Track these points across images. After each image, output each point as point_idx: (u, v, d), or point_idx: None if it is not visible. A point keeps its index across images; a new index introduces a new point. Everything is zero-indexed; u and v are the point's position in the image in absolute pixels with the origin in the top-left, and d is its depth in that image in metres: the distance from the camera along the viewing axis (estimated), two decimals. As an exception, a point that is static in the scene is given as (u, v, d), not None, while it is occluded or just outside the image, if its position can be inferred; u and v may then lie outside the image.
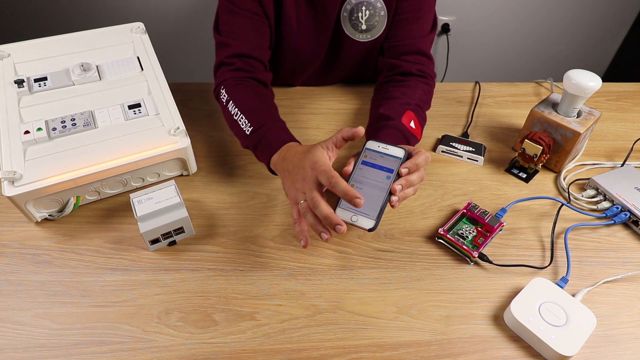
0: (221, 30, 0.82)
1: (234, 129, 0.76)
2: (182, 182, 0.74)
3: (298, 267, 0.64)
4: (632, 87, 1.03)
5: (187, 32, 1.70)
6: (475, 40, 1.83)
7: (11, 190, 0.61)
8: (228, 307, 0.59)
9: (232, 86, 0.78)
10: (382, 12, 0.84)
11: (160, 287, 0.60)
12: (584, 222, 0.71)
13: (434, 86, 0.87)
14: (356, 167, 0.62)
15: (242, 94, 0.78)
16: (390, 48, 0.86)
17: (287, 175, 0.64)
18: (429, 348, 0.56)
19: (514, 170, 0.80)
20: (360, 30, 0.86)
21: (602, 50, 1.97)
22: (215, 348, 0.55)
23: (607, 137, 0.89)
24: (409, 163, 0.61)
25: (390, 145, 0.63)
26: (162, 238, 0.63)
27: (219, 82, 0.80)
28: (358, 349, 0.55)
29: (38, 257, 0.63)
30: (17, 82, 0.72)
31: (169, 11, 1.63)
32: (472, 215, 0.69)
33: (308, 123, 0.87)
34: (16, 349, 0.53)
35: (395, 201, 0.59)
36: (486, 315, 0.59)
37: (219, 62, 0.82)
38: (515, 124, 0.90)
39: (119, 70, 0.77)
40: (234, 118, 0.75)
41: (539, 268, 0.65)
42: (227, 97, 0.77)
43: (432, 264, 0.65)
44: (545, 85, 1.03)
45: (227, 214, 0.70)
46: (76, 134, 0.68)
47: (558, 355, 0.53)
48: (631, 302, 0.61)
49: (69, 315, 0.57)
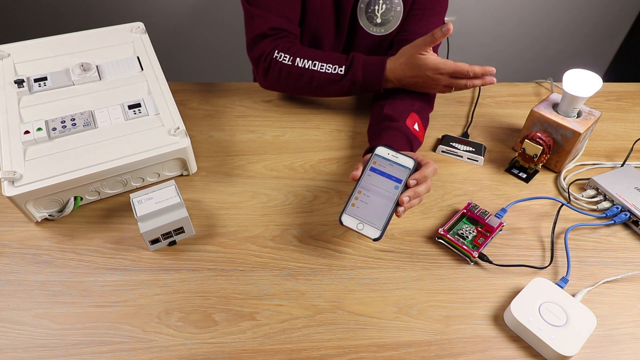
0: (256, 2, 0.81)
1: (314, 82, 0.78)
2: (182, 182, 0.74)
3: (298, 267, 0.64)
4: (632, 87, 1.03)
5: (187, 32, 1.70)
6: (475, 40, 1.83)
7: (11, 190, 0.61)
8: (228, 307, 0.59)
9: (289, 48, 0.79)
10: (399, 7, 0.84)
11: (160, 287, 0.60)
12: (584, 222, 0.71)
13: None
14: (364, 174, 0.62)
15: (306, 49, 0.79)
16: (401, 42, 0.86)
17: (418, 82, 0.77)
18: (429, 348, 0.56)
19: (514, 170, 0.80)
20: (375, 23, 0.86)
21: (602, 50, 1.97)
22: (215, 348, 0.55)
23: (607, 137, 0.89)
24: (418, 175, 0.61)
25: (400, 154, 0.63)
26: (162, 238, 0.63)
27: (270, 48, 0.79)
28: (358, 349, 0.55)
29: (38, 257, 0.63)
30: (17, 82, 0.72)
31: (169, 11, 1.63)
32: (472, 215, 0.69)
33: (308, 123, 0.87)
34: (16, 349, 0.53)
35: (401, 212, 0.60)
36: (486, 315, 0.59)
37: (261, 33, 0.80)
38: (515, 124, 0.90)
39: (119, 70, 0.77)
40: (312, 69, 0.76)
41: (539, 268, 0.65)
42: (290, 57, 0.78)
43: (432, 264, 0.65)
44: (545, 85, 1.03)
45: (227, 214, 0.70)
46: (76, 134, 0.68)
47: (558, 355, 0.53)
48: (631, 302, 0.61)
49: (69, 315, 0.57)
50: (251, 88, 0.95)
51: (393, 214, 0.60)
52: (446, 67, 0.74)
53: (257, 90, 0.94)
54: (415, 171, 0.62)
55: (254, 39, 0.81)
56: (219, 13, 1.65)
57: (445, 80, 0.75)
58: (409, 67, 0.76)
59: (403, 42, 0.85)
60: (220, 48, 1.76)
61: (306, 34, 0.88)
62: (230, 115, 0.88)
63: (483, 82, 0.76)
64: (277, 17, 0.80)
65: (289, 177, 0.77)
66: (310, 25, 0.86)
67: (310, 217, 0.70)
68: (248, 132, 0.85)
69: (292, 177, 0.77)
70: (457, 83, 0.75)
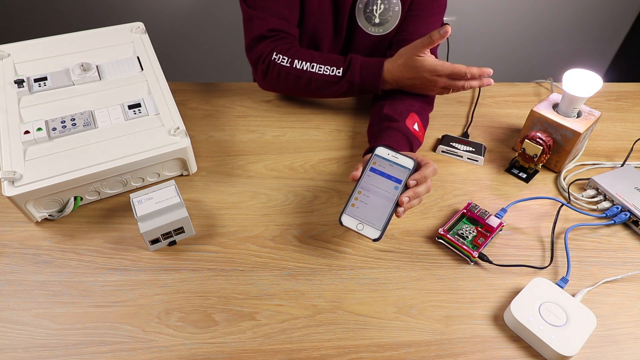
0: (254, 4, 0.81)
1: (313, 84, 0.78)
2: (182, 182, 0.74)
3: (298, 267, 0.64)
4: (632, 87, 1.03)
5: (187, 32, 1.70)
6: (475, 40, 1.83)
7: (11, 190, 0.61)
8: (228, 307, 0.59)
9: (287, 49, 0.79)
10: (397, 7, 0.84)
11: (160, 287, 0.60)
12: (584, 222, 0.71)
13: None
14: (364, 174, 0.62)
15: (304, 51, 0.79)
16: (399, 42, 0.86)
17: (415, 84, 0.78)
18: (429, 348, 0.56)
19: (514, 170, 0.80)
20: (373, 23, 0.86)
21: (602, 50, 1.97)
22: (215, 348, 0.55)
23: (607, 137, 0.89)
24: (417, 175, 0.61)
25: (400, 154, 0.63)
26: (162, 238, 0.63)
27: (269, 50, 0.80)
28: (358, 349, 0.55)
29: (38, 257, 0.63)
30: (17, 82, 0.72)
31: (169, 11, 1.63)
32: (472, 215, 0.69)
33: (308, 123, 0.87)
34: (16, 349, 0.53)
35: (401, 212, 0.60)
36: (486, 315, 0.59)
37: (260, 35, 0.80)
38: (515, 124, 0.90)
39: (119, 70, 0.77)
40: (310, 71, 0.76)
41: (539, 268, 0.65)
42: (288, 59, 0.78)
43: (432, 264, 0.65)
44: (545, 85, 1.03)
45: (227, 214, 0.70)
46: (76, 134, 0.68)
47: (558, 355, 0.53)
48: (631, 302, 0.61)
49: (69, 315, 0.57)
50: (251, 88, 0.95)
51: (393, 215, 0.60)
52: (444, 69, 0.74)
53: (257, 90, 0.94)
54: (415, 171, 0.62)
55: (253, 40, 0.81)
56: (219, 13, 1.65)
57: (442, 82, 0.75)
58: (406, 69, 0.76)
59: (402, 42, 0.85)
60: (220, 48, 1.76)
61: (305, 34, 0.88)
62: (230, 115, 0.88)
63: (481, 84, 0.76)
64: (276, 19, 0.80)
65: (289, 177, 0.77)
66: (309, 25, 0.86)
67: (310, 217, 0.70)
68: (248, 132, 0.85)
69: (292, 177, 0.77)
70: (454, 85, 0.75)
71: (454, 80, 0.75)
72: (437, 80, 0.75)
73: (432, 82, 0.76)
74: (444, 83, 0.76)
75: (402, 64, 0.76)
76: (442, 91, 0.78)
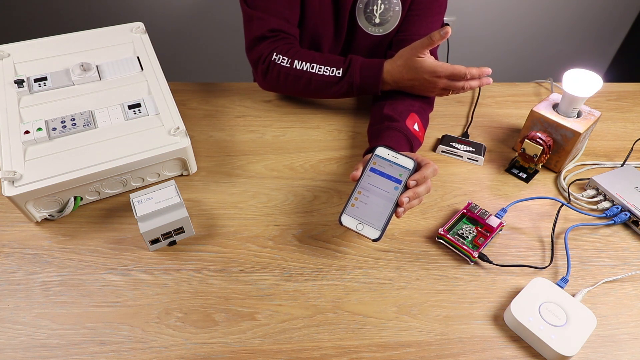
0: (255, 4, 0.81)
1: (313, 84, 0.78)
2: (182, 182, 0.74)
3: (298, 267, 0.64)
4: (632, 87, 1.03)
5: (187, 32, 1.70)
6: (475, 40, 1.83)
7: (11, 190, 0.61)
8: (228, 307, 0.59)
9: (287, 50, 0.79)
10: (397, 7, 0.84)
11: (160, 287, 0.60)
12: (584, 222, 0.71)
13: None
14: (364, 174, 0.62)
15: (304, 52, 0.79)
16: (400, 42, 0.86)
17: (415, 85, 0.78)
18: (429, 348, 0.56)
19: (514, 170, 0.80)
20: (374, 23, 0.86)
21: (602, 50, 1.97)
22: (215, 348, 0.55)
23: (607, 137, 0.89)
24: (417, 175, 0.61)
25: (400, 154, 0.63)
26: (162, 238, 0.63)
27: (269, 50, 0.80)
28: (358, 349, 0.55)
29: (38, 257, 0.63)
30: (17, 82, 0.72)
31: (169, 11, 1.63)
32: (472, 215, 0.69)
33: (308, 123, 0.87)
34: (16, 349, 0.53)
35: (401, 212, 0.60)
36: (486, 315, 0.59)
37: (260, 35, 0.80)
38: (515, 124, 0.90)
39: (119, 70, 0.77)
40: (310, 72, 0.77)
41: (539, 268, 0.65)
42: (288, 59, 0.78)
43: (432, 264, 0.65)
44: (545, 85, 1.03)
45: (227, 214, 0.70)
46: (76, 134, 0.68)
47: (558, 355, 0.53)
48: (631, 302, 0.61)
49: (69, 315, 0.57)
50: (251, 88, 0.95)
51: (393, 215, 0.60)
52: (443, 70, 0.74)
53: (257, 90, 0.94)
54: (415, 172, 0.62)
55: (253, 41, 0.81)
56: (219, 13, 1.65)
57: (442, 83, 0.76)
58: (406, 70, 0.76)
59: (402, 42, 0.85)
60: (220, 48, 1.76)
61: (305, 34, 0.88)
62: (230, 115, 0.88)
63: (480, 83, 0.76)
64: (276, 19, 0.80)
65: (289, 177, 0.77)
66: (309, 25, 0.86)
67: (310, 217, 0.70)
68: (248, 132, 0.85)
69: (292, 177, 0.77)
70: (454, 86, 0.75)
71: (453, 82, 0.75)
72: (437, 81, 0.75)
73: (431, 84, 0.76)
74: (443, 84, 0.76)
75: (402, 64, 0.76)
76: (441, 92, 0.78)
